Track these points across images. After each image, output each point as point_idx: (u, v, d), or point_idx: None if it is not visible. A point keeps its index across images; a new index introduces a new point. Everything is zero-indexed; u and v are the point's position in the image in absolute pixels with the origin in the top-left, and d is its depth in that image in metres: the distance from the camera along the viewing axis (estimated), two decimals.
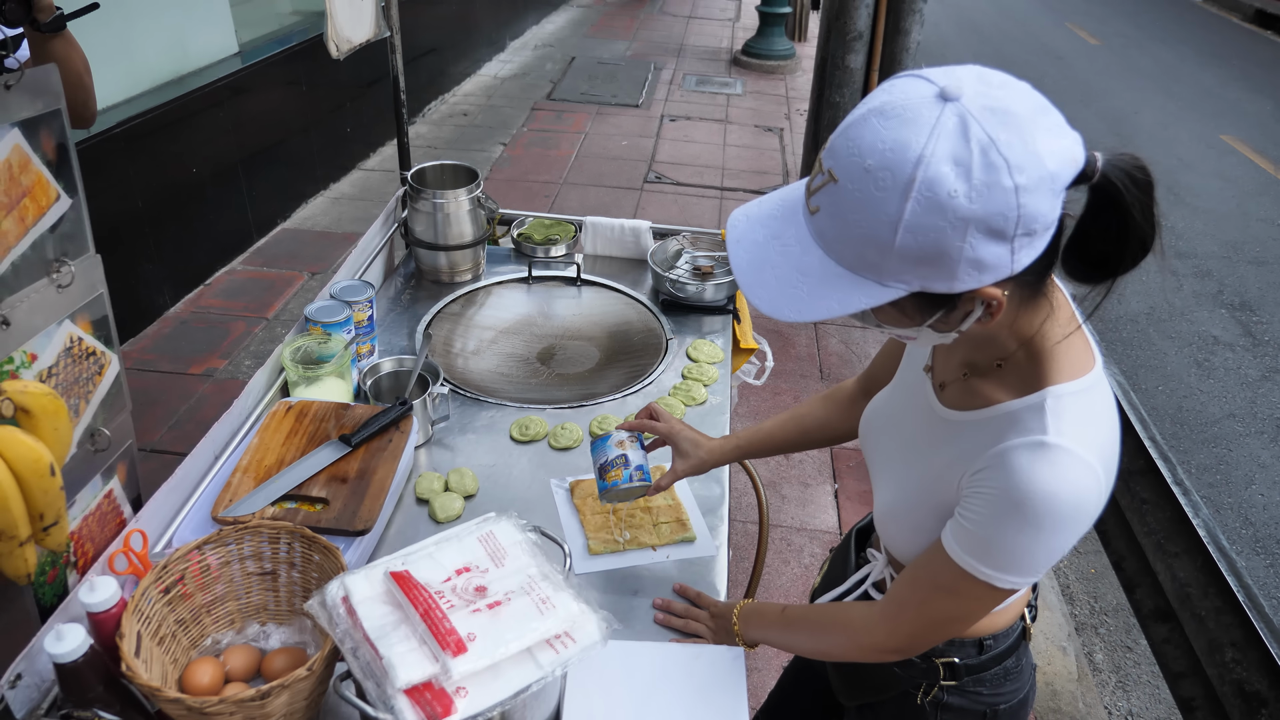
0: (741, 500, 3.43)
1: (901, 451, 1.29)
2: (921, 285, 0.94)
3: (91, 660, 1.17)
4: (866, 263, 0.94)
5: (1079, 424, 1.03)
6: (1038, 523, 1.02)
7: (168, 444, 3.60)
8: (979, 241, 0.89)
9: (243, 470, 1.64)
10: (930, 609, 1.18)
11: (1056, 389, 1.05)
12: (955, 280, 0.93)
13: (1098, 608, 3.34)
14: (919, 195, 0.88)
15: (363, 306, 2.06)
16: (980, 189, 0.87)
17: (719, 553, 1.69)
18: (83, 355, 1.51)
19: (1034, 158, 0.88)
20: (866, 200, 0.91)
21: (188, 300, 4.63)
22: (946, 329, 1.03)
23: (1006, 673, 1.37)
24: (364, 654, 1.13)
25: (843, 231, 0.95)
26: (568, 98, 8.03)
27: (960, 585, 1.11)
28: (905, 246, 0.90)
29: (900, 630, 1.22)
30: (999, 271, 0.93)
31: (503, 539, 1.32)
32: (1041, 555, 1.05)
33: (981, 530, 1.07)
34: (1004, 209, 0.88)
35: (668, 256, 2.52)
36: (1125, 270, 0.99)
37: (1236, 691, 1.95)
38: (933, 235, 0.89)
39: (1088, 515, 1.03)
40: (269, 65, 5.19)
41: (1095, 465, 1.02)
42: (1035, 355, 1.08)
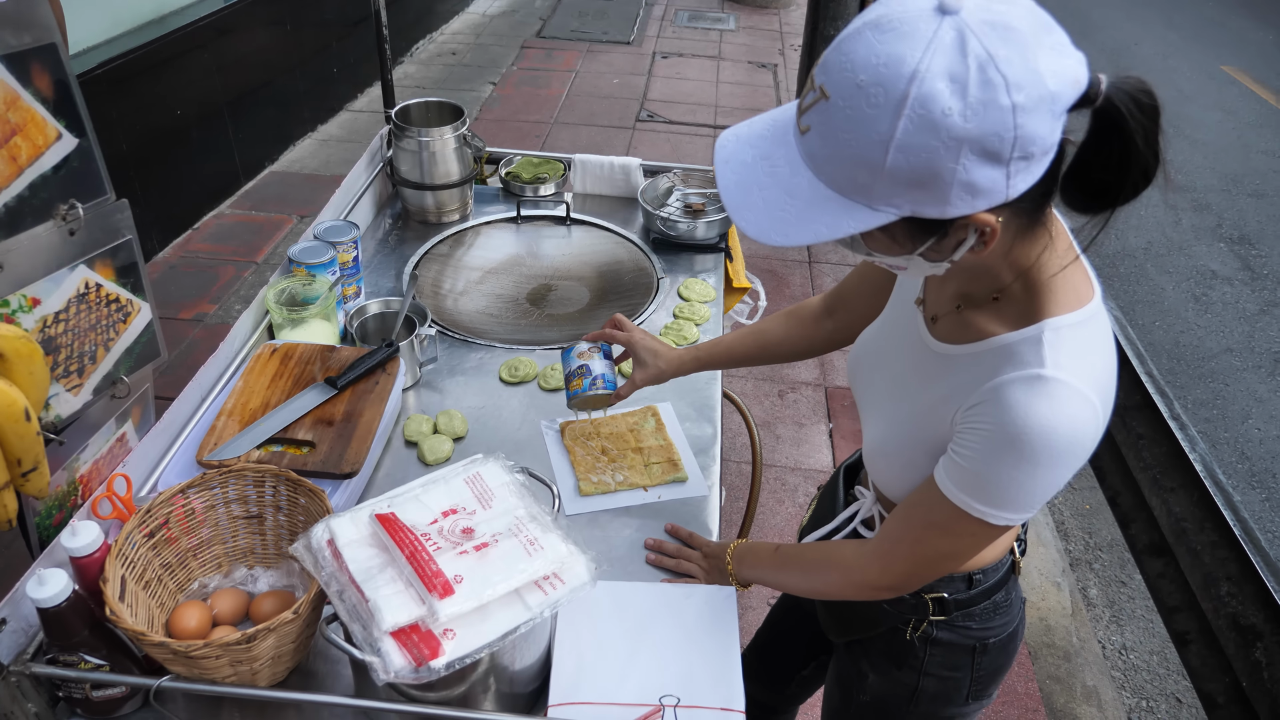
0: (735, 440, 3.43)
1: (891, 387, 1.26)
2: (913, 210, 0.91)
3: (75, 605, 1.16)
4: (857, 185, 0.91)
5: (1077, 357, 1.01)
6: (1034, 458, 0.99)
7: (159, 389, 3.53)
8: (973, 164, 0.86)
9: (227, 414, 1.62)
10: (924, 547, 1.17)
11: (1054, 321, 1.02)
12: (948, 205, 0.90)
13: (1092, 543, 3.36)
14: (911, 113, 0.84)
15: (347, 247, 2.03)
16: (976, 107, 0.83)
17: (711, 493, 1.68)
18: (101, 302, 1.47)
19: (1034, 76, 0.84)
20: (858, 118, 0.87)
21: (175, 245, 4.58)
22: (938, 258, 1.00)
23: (996, 607, 1.37)
24: (350, 597, 1.12)
25: (833, 152, 0.91)
26: (558, 35, 7.88)
27: (954, 523, 1.09)
28: (896, 167, 0.87)
29: (893, 568, 1.21)
30: (993, 197, 0.89)
31: (490, 481, 1.30)
32: (1038, 491, 1.03)
33: (976, 466, 1.04)
34: (1000, 129, 0.84)
35: (658, 194, 2.48)
36: (1125, 200, 0.94)
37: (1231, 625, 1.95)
38: (925, 155, 0.86)
39: (1085, 449, 1.01)
40: (252, 4, 5.07)
41: (1093, 398, 0.99)
42: (1032, 287, 1.05)
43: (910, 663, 1.40)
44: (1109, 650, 2.93)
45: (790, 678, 1.86)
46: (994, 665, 1.41)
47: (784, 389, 3.81)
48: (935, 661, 1.38)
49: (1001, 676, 1.45)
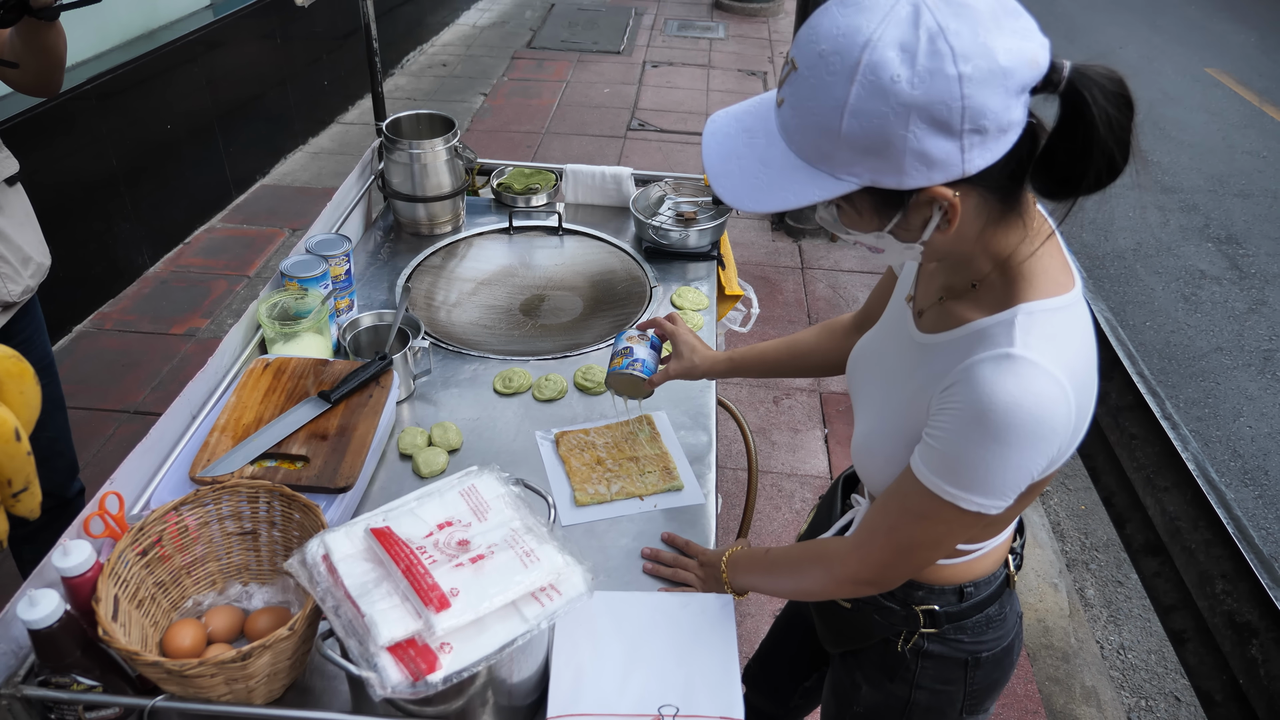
0: (731, 447, 3.42)
1: (881, 382, 1.27)
2: (872, 179, 0.94)
3: (67, 626, 1.15)
4: (821, 153, 0.94)
5: (1048, 339, 1.01)
6: (1000, 436, 0.99)
7: (151, 405, 3.57)
8: (923, 132, 0.89)
9: (220, 429, 1.61)
10: (899, 534, 1.16)
11: (1029, 305, 1.03)
12: (903, 175, 0.92)
13: (1088, 543, 3.36)
14: (863, 79, 0.88)
15: (340, 260, 2.02)
16: (923, 75, 0.86)
17: (707, 501, 1.68)
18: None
19: (983, 50, 0.86)
20: (819, 86, 0.91)
21: (167, 259, 4.56)
22: (908, 237, 1.02)
23: (989, 620, 1.36)
24: (346, 612, 1.11)
25: (801, 121, 0.95)
26: (548, 46, 7.89)
27: (927, 507, 1.09)
28: (851, 133, 0.90)
29: (871, 558, 1.20)
30: (949, 170, 0.92)
31: (485, 492, 1.29)
32: (1007, 473, 1.02)
33: (945, 447, 1.05)
34: (946, 98, 0.87)
35: (650, 203, 2.48)
36: (1088, 190, 0.95)
37: (1227, 623, 1.95)
38: (876, 122, 0.89)
39: (1052, 430, 0.99)
40: (242, 18, 5.07)
41: (1062, 380, 0.99)
42: (1009, 274, 1.06)
43: (902, 675, 1.39)
44: (1107, 650, 2.93)
45: (793, 689, 1.85)
46: (988, 680, 1.40)
47: (779, 395, 3.81)
48: (927, 674, 1.38)
49: (998, 691, 1.45)
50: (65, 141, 3.84)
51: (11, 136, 2.12)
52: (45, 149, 3.72)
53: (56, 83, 1.93)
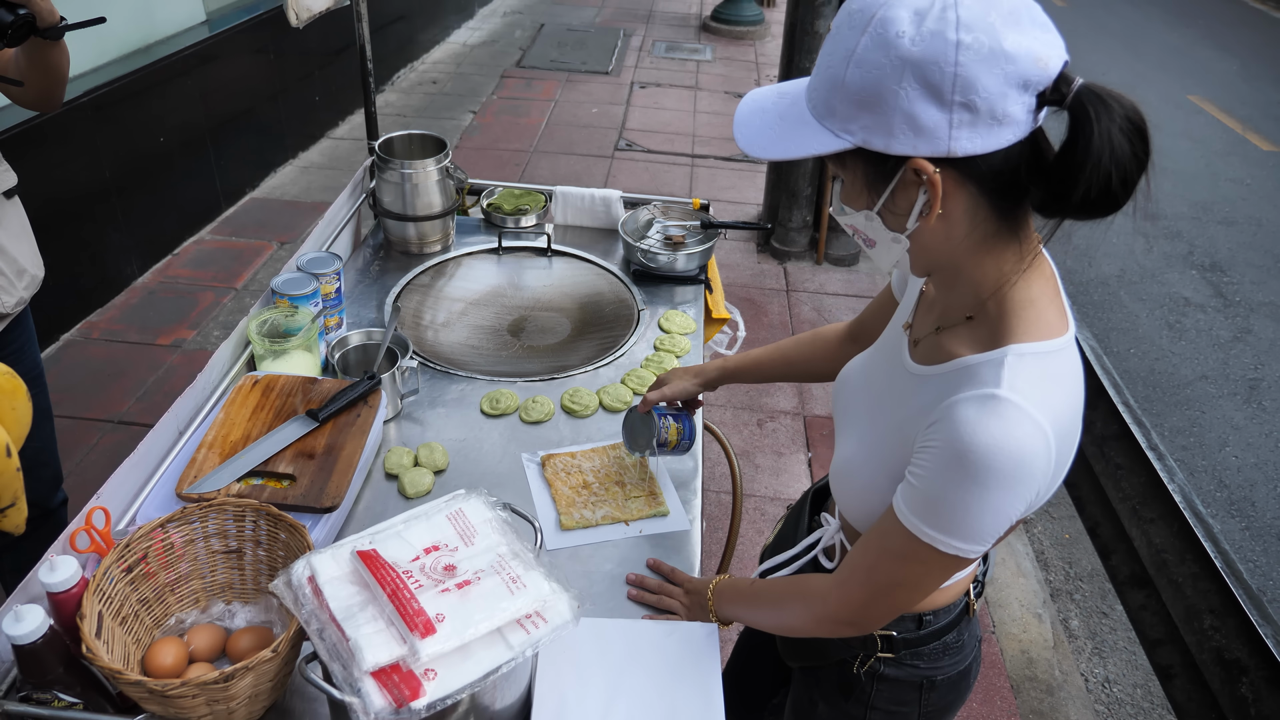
0: (715, 470, 3.43)
1: (868, 406, 1.28)
2: (865, 138, 0.98)
3: (51, 641, 1.14)
4: (829, 108, 1.00)
5: (1034, 384, 1.00)
6: (979, 478, 0.98)
7: (135, 415, 3.55)
8: (915, 93, 0.93)
9: (208, 446, 1.61)
10: (878, 574, 1.15)
11: (1019, 347, 1.03)
12: (891, 136, 0.96)
13: (1073, 573, 3.37)
14: (872, 31, 0.94)
15: (330, 279, 2.03)
16: (925, 36, 0.91)
17: (692, 527, 1.68)
18: None
19: (989, 28, 0.90)
20: (838, 38, 0.98)
21: (155, 270, 4.56)
22: (895, 223, 1.05)
23: (946, 647, 1.37)
24: (330, 635, 1.11)
25: (818, 76, 1.01)
26: (537, 65, 7.92)
27: (907, 548, 1.08)
28: (852, 83, 0.96)
29: (851, 598, 1.20)
30: (935, 142, 0.94)
31: (472, 517, 1.29)
32: (985, 517, 1.01)
33: (926, 486, 1.04)
34: (940, 60, 0.91)
35: (639, 226, 2.49)
36: (1077, 213, 0.97)
37: (1216, 659, 1.95)
38: (874, 73, 0.94)
39: (1030, 475, 0.99)
40: (236, 33, 5.09)
41: (1044, 426, 0.98)
42: (1003, 310, 1.06)
43: (858, 696, 1.40)
44: (1092, 683, 2.93)
45: (763, 705, 1.86)
46: (943, 702, 1.41)
47: (763, 418, 3.82)
48: (882, 696, 1.39)
49: (953, 713, 1.46)
50: (60, 152, 3.85)
51: (8, 147, 2.12)
52: (40, 160, 3.72)
53: (59, 98, 1.95)
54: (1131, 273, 5.43)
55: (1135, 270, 5.46)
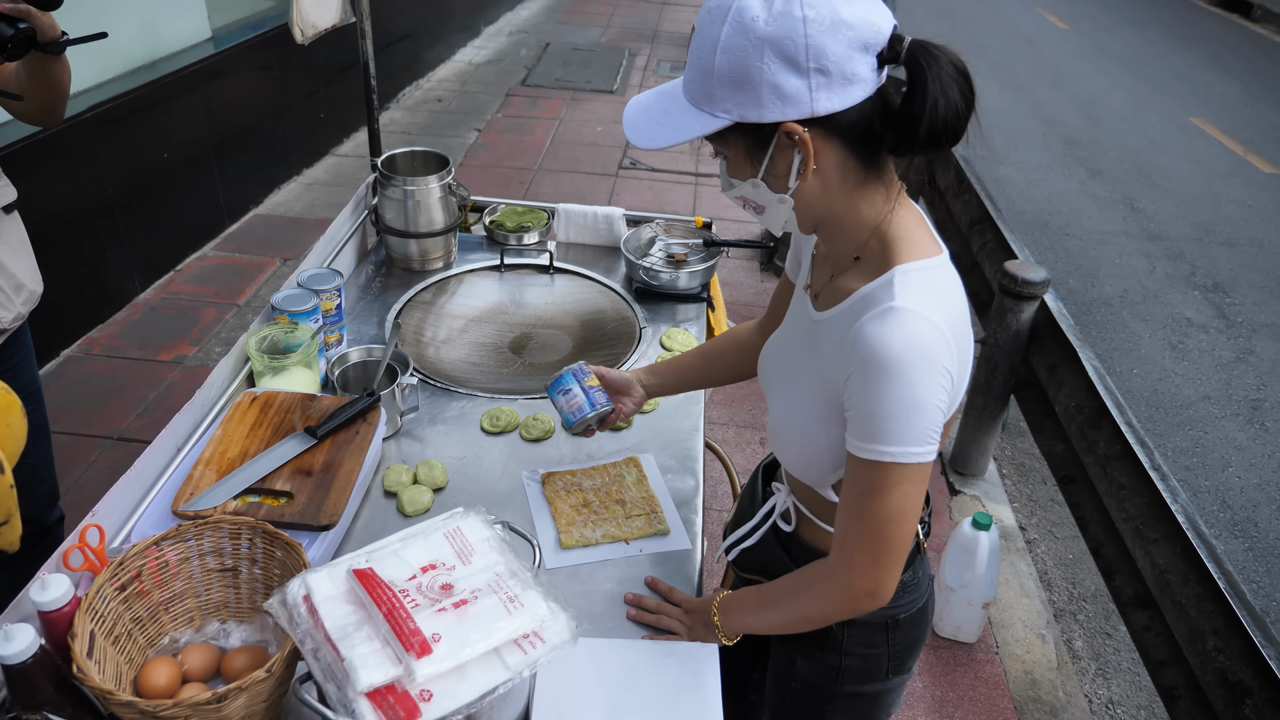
0: (717, 489, 3.41)
1: (789, 366, 1.38)
2: (740, 113, 1.10)
3: (41, 661, 1.13)
4: (704, 93, 1.12)
5: (923, 292, 1.14)
6: (899, 376, 1.10)
7: (135, 432, 3.54)
8: (776, 66, 1.06)
9: (205, 463, 1.60)
10: (868, 521, 1.20)
11: (904, 266, 1.17)
12: (762, 107, 1.09)
13: (1076, 594, 3.35)
14: (732, 20, 1.07)
15: (331, 295, 2.02)
16: (776, 16, 1.05)
17: (693, 546, 1.67)
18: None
19: (827, 3, 1.04)
20: (703, 33, 1.11)
21: (158, 286, 4.56)
22: (778, 185, 1.17)
23: (904, 586, 1.43)
24: (325, 655, 1.10)
25: (691, 70, 1.14)
26: (542, 84, 7.95)
27: (877, 479, 1.16)
28: (722, 68, 1.09)
29: (858, 561, 1.23)
30: (800, 105, 1.08)
31: (470, 535, 1.28)
32: (920, 412, 1.12)
33: (862, 409, 1.14)
34: (792, 34, 1.04)
35: (641, 244, 2.49)
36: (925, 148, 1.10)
37: (1220, 681, 1.92)
38: (739, 56, 1.07)
39: (939, 362, 1.11)
40: (242, 50, 5.11)
41: (938, 322, 1.12)
42: (885, 242, 1.20)
43: (831, 645, 1.46)
44: (1096, 705, 2.91)
45: (745, 684, 1.87)
46: (908, 640, 1.48)
47: (764, 436, 3.80)
48: (854, 641, 1.45)
49: (918, 650, 1.53)
50: (63, 168, 3.85)
51: (10, 163, 2.12)
52: (43, 175, 3.72)
53: (60, 113, 1.95)
54: (1134, 293, 5.42)
55: (1138, 291, 5.45)
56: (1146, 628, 2.31)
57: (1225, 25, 12.99)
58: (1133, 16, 12.99)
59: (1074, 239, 6.01)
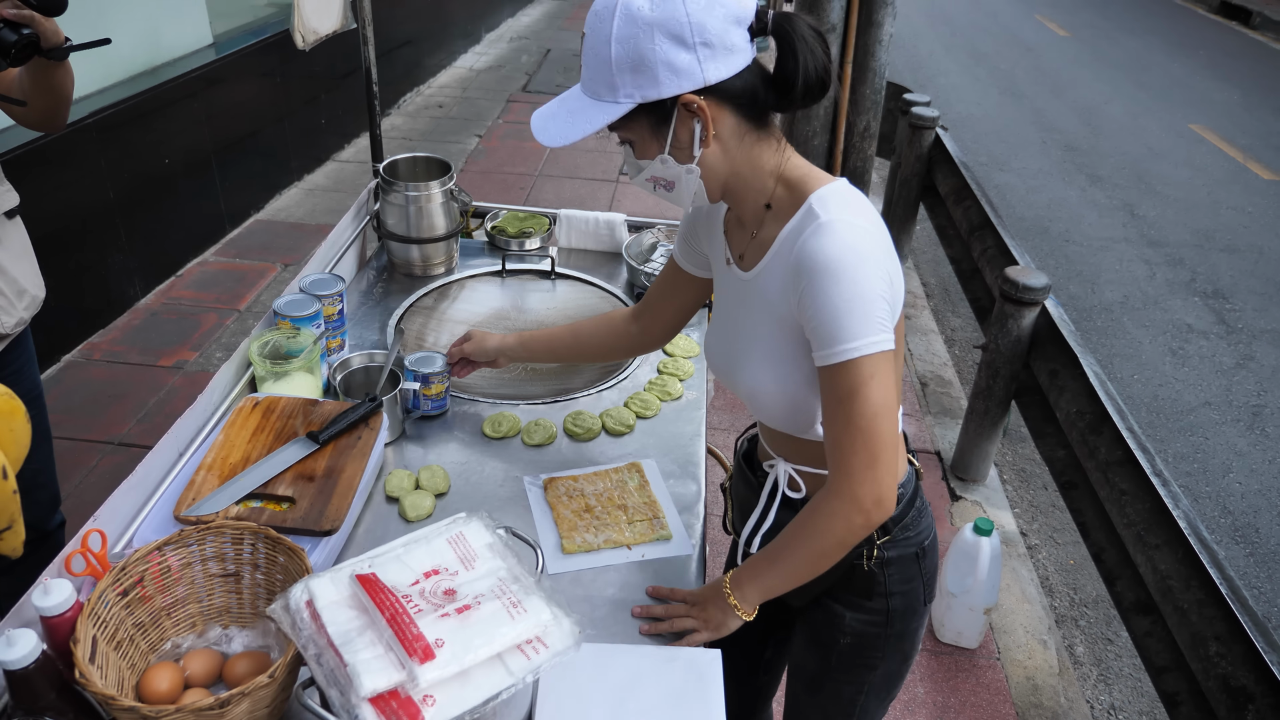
0: (718, 495, 3.40)
1: (741, 338, 1.45)
2: (641, 95, 1.22)
3: (44, 667, 1.13)
4: (605, 84, 1.23)
5: (841, 205, 1.27)
6: (844, 274, 1.21)
7: (136, 437, 3.54)
8: (666, 45, 1.18)
9: (207, 468, 1.60)
10: (856, 421, 1.25)
11: (815, 194, 1.29)
12: (659, 84, 1.20)
13: (1077, 599, 3.34)
14: (620, 13, 1.19)
15: (333, 300, 2.02)
16: (658, 3, 1.18)
17: (695, 551, 1.66)
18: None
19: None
20: (594, 32, 1.22)
21: (159, 291, 4.56)
22: (683, 156, 1.28)
23: (919, 513, 1.52)
24: (328, 660, 1.10)
25: (589, 68, 1.25)
26: (543, 90, 7.97)
27: (851, 379, 1.24)
28: (618, 57, 1.20)
29: (855, 467, 1.27)
30: (693, 77, 1.20)
31: (473, 540, 1.28)
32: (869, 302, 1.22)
33: (820, 316, 1.23)
34: (675, 14, 1.17)
35: (642, 250, 2.49)
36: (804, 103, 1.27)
37: (1222, 686, 1.92)
38: (632, 43, 1.19)
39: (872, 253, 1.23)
40: (243, 56, 5.12)
41: (865, 225, 1.25)
42: (789, 184, 1.32)
43: (876, 590, 1.50)
44: (1098, 710, 2.90)
45: (756, 666, 1.89)
46: (932, 565, 1.56)
47: None
48: (894, 579, 1.50)
49: (937, 576, 1.61)
50: (64, 173, 3.86)
51: (11, 168, 2.12)
52: (44, 180, 3.73)
53: (62, 119, 1.95)
54: (1134, 299, 5.42)
55: (1138, 297, 5.45)
56: (1148, 633, 2.31)
57: (1225, 32, 13.02)
58: (1132, 24, 13.01)
59: (1074, 245, 6.02)
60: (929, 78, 9.44)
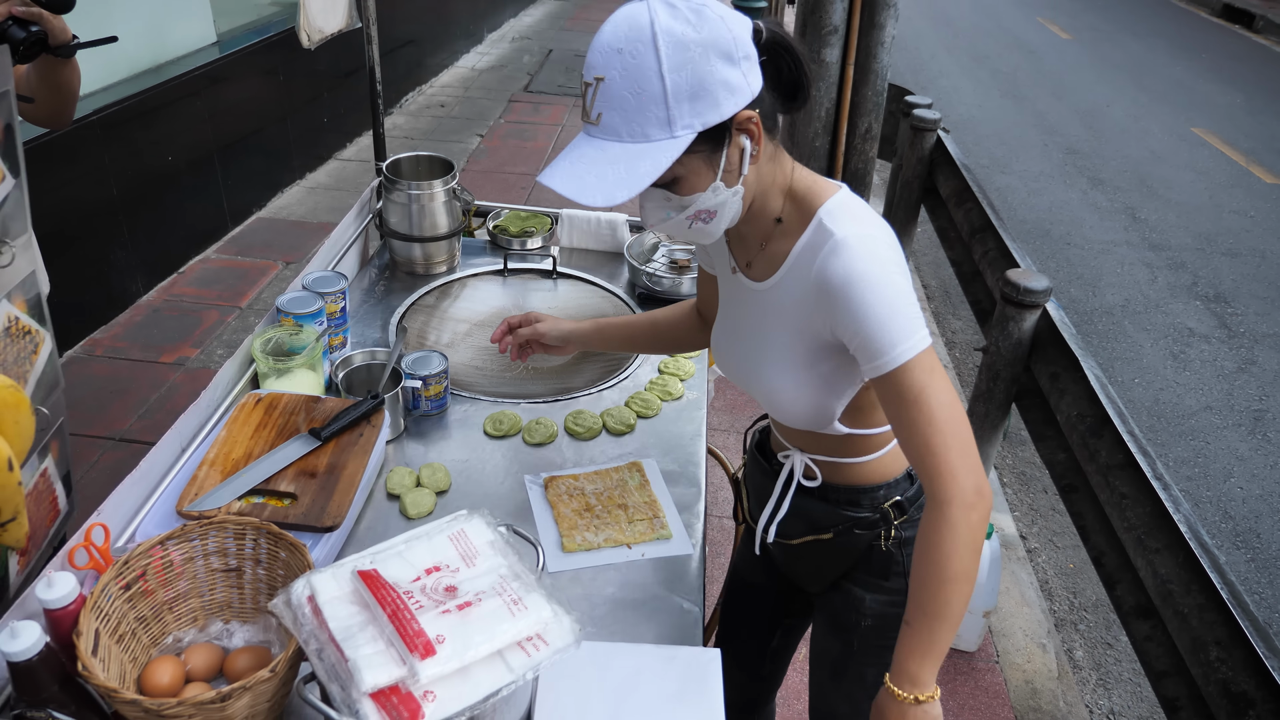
0: (717, 495, 3.41)
1: (753, 343, 1.45)
2: (700, 122, 1.15)
3: (47, 659, 1.13)
4: (658, 123, 1.15)
5: (851, 217, 1.27)
6: (873, 287, 1.21)
7: (137, 433, 3.55)
8: (720, 63, 1.13)
9: (209, 463, 1.61)
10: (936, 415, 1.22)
11: (824, 208, 1.29)
12: (719, 105, 1.15)
13: (1077, 603, 3.34)
14: (665, 42, 1.12)
15: (335, 298, 2.03)
16: (697, 23, 1.13)
17: (694, 551, 1.67)
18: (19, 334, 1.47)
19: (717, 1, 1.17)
20: (633, 71, 1.13)
21: (160, 288, 4.57)
22: (731, 179, 1.24)
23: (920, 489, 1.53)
24: (329, 656, 1.10)
25: (627, 111, 1.15)
26: (545, 90, 7.97)
27: (911, 381, 1.21)
28: (675, 87, 1.13)
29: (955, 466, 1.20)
30: (744, 91, 1.17)
31: (474, 537, 1.28)
32: (907, 301, 1.22)
33: (862, 332, 1.22)
34: (719, 31, 1.13)
35: (644, 250, 2.50)
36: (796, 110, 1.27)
37: (1222, 691, 1.92)
38: (689, 69, 1.12)
39: (891, 260, 1.25)
40: (247, 55, 5.12)
41: (876, 233, 1.26)
42: (796, 198, 1.32)
43: (894, 569, 1.52)
44: (1097, 715, 2.91)
45: (762, 655, 1.90)
46: None
47: None
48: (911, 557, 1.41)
49: None
50: (68, 170, 3.86)
51: None
52: (49, 177, 3.73)
53: (69, 116, 1.96)
54: (1136, 303, 5.42)
55: (1139, 300, 5.45)
56: (1148, 638, 2.30)
57: (1227, 36, 13.02)
58: (1135, 27, 13.01)
59: (1076, 248, 6.02)
60: (930, 80, 9.45)
